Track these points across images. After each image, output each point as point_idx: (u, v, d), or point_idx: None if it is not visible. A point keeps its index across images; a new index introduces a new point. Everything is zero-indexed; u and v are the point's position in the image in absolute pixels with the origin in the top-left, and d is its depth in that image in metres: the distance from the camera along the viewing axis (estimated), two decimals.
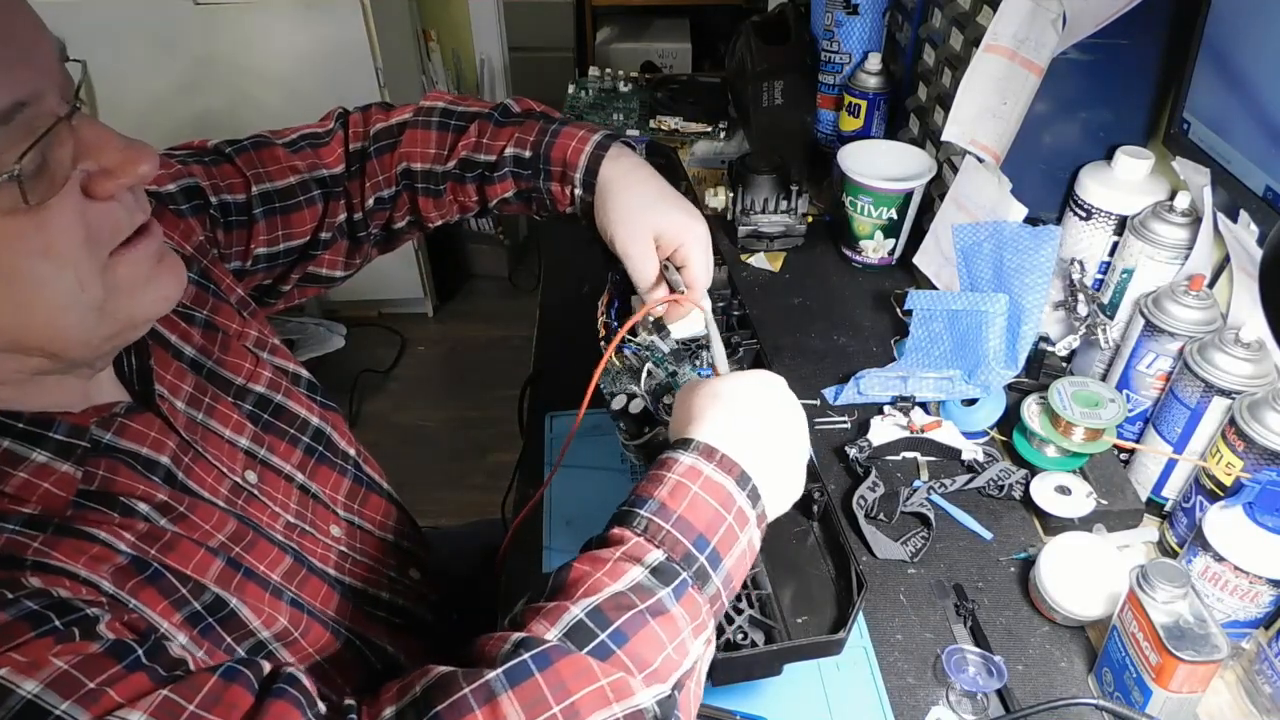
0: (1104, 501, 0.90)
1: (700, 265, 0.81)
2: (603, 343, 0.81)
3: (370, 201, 0.90)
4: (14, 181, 0.47)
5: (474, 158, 0.88)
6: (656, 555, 0.53)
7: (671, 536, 0.54)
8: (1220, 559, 0.76)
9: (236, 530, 0.66)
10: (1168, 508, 0.92)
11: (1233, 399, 0.81)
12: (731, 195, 1.33)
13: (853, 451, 0.97)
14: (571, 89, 1.80)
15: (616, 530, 0.55)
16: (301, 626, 0.67)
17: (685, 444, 0.58)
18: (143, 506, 0.60)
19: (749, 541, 0.57)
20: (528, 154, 0.86)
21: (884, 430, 0.99)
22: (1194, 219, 0.91)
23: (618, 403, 0.76)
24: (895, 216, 1.24)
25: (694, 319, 0.84)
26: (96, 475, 0.59)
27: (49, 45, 0.52)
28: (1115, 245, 0.99)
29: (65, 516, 0.55)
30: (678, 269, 0.82)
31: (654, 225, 0.81)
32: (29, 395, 0.57)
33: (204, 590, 0.60)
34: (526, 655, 0.48)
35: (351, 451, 0.85)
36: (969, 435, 0.99)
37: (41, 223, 0.50)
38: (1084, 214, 1.00)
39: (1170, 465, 0.90)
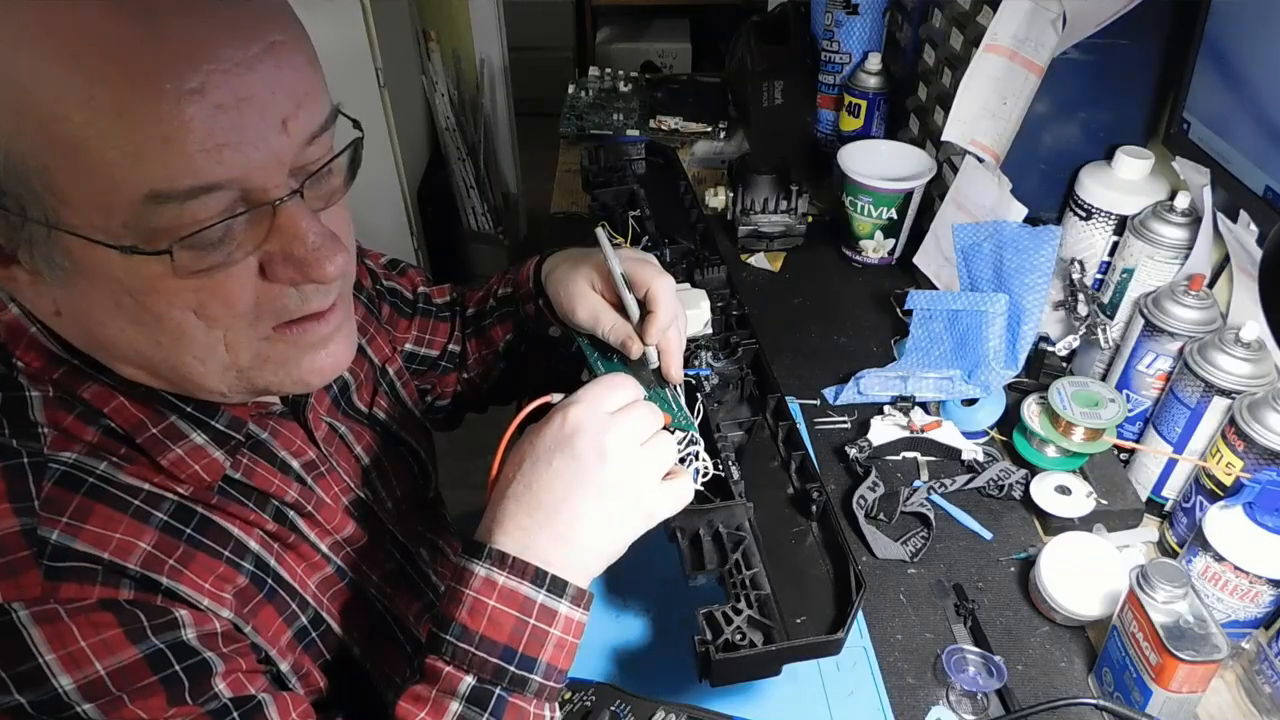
0: (1104, 501, 0.90)
1: (665, 304, 0.72)
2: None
3: None
4: (166, 254, 0.47)
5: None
6: (468, 683, 0.56)
7: (478, 658, 0.56)
8: (1220, 559, 0.76)
9: (353, 532, 0.70)
10: (1168, 508, 0.91)
11: (1233, 399, 0.81)
12: (731, 195, 1.33)
13: (853, 451, 0.97)
14: (571, 89, 1.80)
15: (429, 660, 0.57)
16: (375, 633, 0.71)
17: (480, 550, 0.58)
18: (274, 502, 0.63)
19: (564, 628, 0.58)
20: (508, 290, 0.90)
21: (884, 430, 0.99)
22: (1194, 219, 0.91)
23: None
24: (895, 216, 1.24)
25: (692, 319, 0.84)
26: (241, 464, 0.62)
27: (307, 116, 0.51)
28: (1115, 245, 0.99)
29: (210, 504, 0.58)
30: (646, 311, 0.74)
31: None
32: (196, 390, 0.58)
33: (307, 605, 0.64)
34: None
35: (433, 485, 0.89)
36: (969, 435, 0.99)
37: (203, 287, 0.49)
38: (1084, 214, 1.00)
39: (1170, 465, 0.89)
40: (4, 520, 0.49)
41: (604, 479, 0.59)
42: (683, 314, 0.75)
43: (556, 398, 0.65)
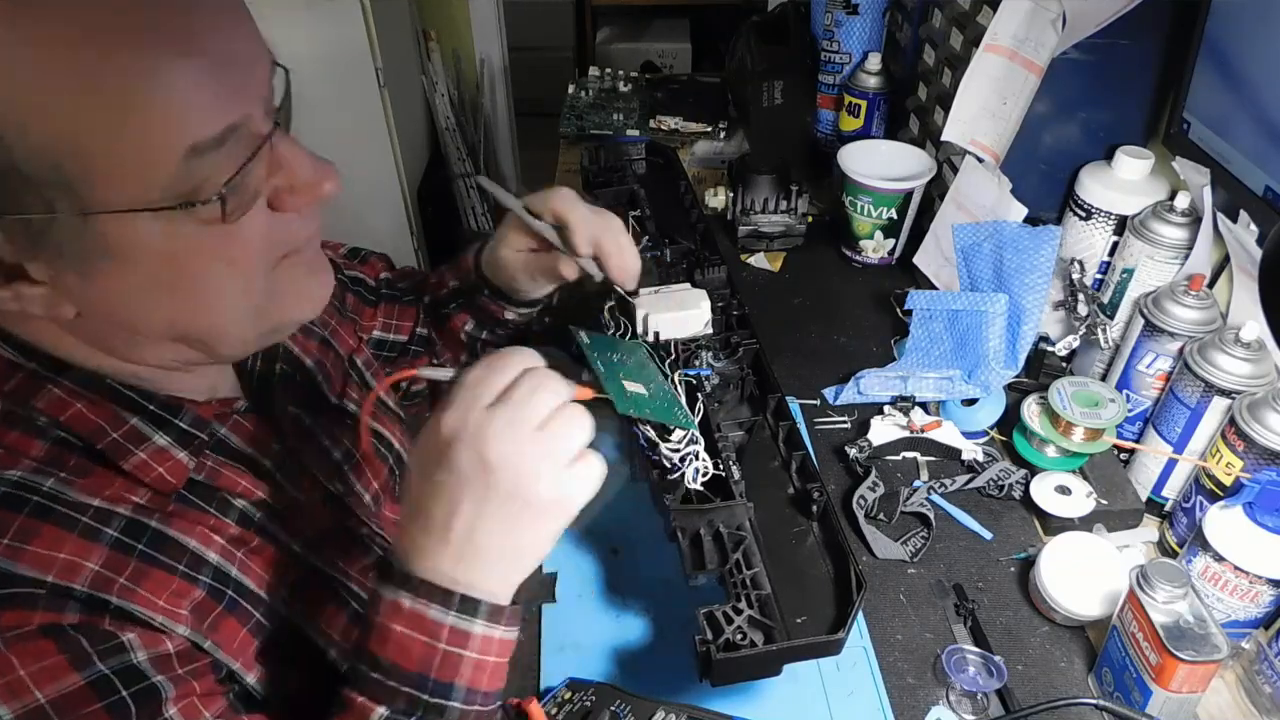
0: (1104, 501, 0.90)
1: (576, 214, 0.74)
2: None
3: None
4: (219, 201, 0.49)
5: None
6: (380, 714, 0.53)
7: (388, 689, 0.53)
8: (1220, 559, 0.76)
9: (327, 529, 0.69)
10: (1168, 508, 0.91)
11: (1233, 399, 0.81)
12: (731, 195, 1.33)
13: (853, 451, 0.97)
14: (571, 89, 1.80)
15: (345, 693, 0.55)
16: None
17: (387, 573, 0.55)
18: (240, 502, 0.62)
19: (482, 649, 0.55)
20: (457, 283, 0.91)
21: (884, 430, 0.99)
22: (1194, 219, 0.91)
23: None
24: (895, 216, 1.24)
25: (692, 319, 0.84)
26: (205, 466, 0.61)
27: (265, 61, 0.53)
28: (1115, 245, 0.99)
29: (166, 514, 0.57)
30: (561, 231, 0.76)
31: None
32: (164, 381, 0.59)
33: (275, 613, 0.62)
34: None
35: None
36: (969, 435, 0.99)
37: (231, 234, 0.51)
38: (1084, 214, 1.00)
39: (1170, 465, 0.89)
40: None
41: (492, 486, 0.53)
42: (611, 220, 0.75)
43: (425, 371, 0.62)
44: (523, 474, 0.54)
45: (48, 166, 0.45)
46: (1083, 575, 0.82)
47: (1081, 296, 0.99)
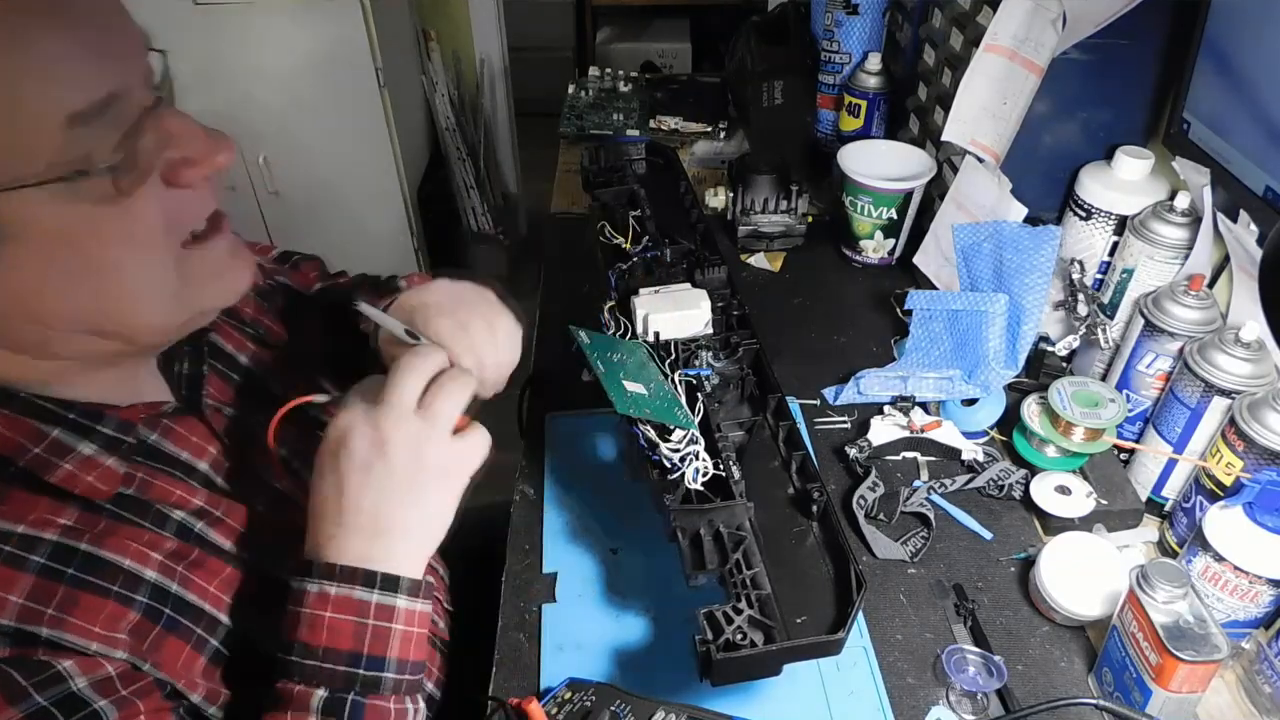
0: (1104, 501, 0.90)
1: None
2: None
3: None
4: (109, 173, 0.49)
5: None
6: (320, 696, 0.56)
7: (325, 671, 0.56)
8: (1220, 559, 0.76)
9: (274, 535, 0.67)
10: (1168, 508, 0.91)
11: (1233, 399, 0.81)
12: (731, 195, 1.33)
13: (853, 451, 0.97)
14: (571, 89, 1.80)
15: (280, 684, 0.57)
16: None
17: (307, 569, 0.59)
18: (178, 514, 0.61)
19: (406, 620, 0.59)
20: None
21: (884, 430, 0.99)
22: (1194, 219, 0.91)
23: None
24: (895, 216, 1.24)
25: (692, 319, 0.84)
26: (135, 478, 0.60)
27: (137, 36, 0.54)
28: (1115, 245, 0.99)
29: (97, 533, 0.56)
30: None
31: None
32: (83, 385, 0.59)
33: (218, 625, 0.61)
34: None
35: None
36: (969, 435, 0.99)
37: (126, 211, 0.51)
38: (1084, 214, 1.00)
39: (1170, 465, 0.89)
40: None
41: (389, 463, 0.59)
42: (487, 344, 0.72)
43: (320, 398, 0.66)
44: (414, 446, 0.59)
45: None
46: (1083, 575, 0.82)
47: (1081, 296, 0.99)
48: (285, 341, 0.81)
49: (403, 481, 0.59)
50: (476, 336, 0.72)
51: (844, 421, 1.04)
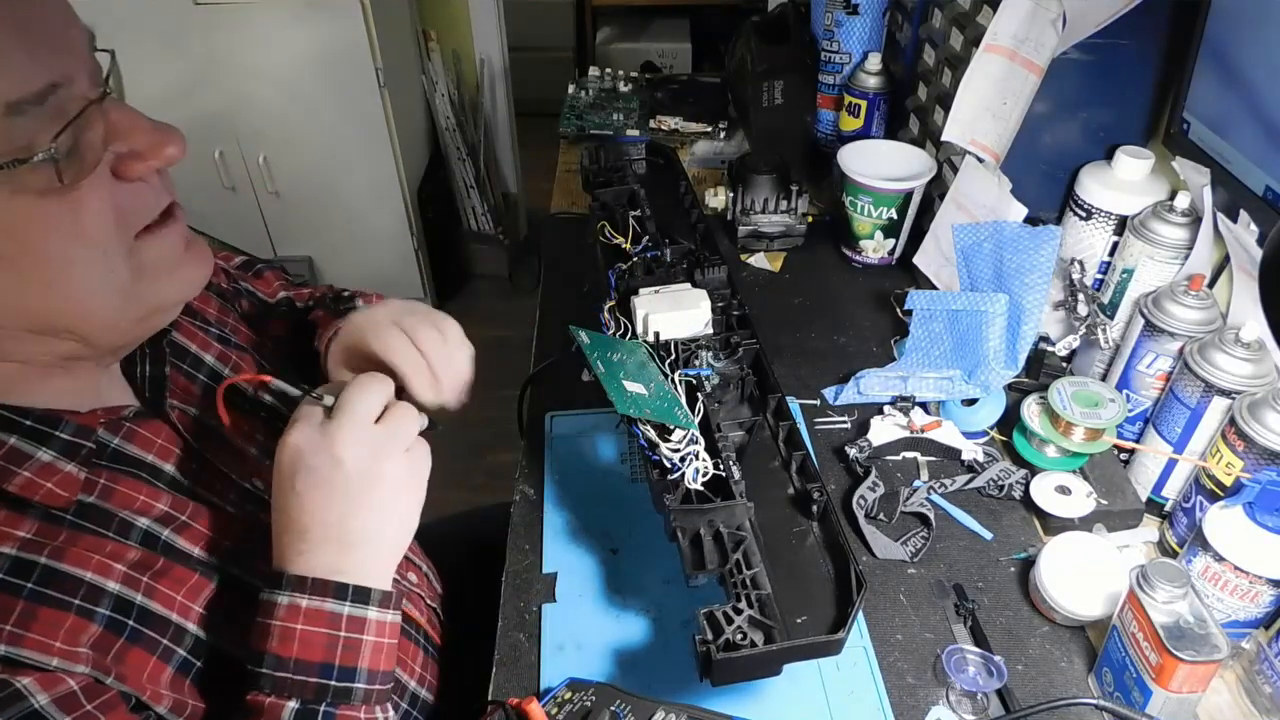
0: (1104, 501, 0.90)
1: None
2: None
3: None
4: (50, 162, 0.49)
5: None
6: (291, 708, 0.56)
7: (297, 683, 0.57)
8: (1220, 559, 0.76)
9: (246, 534, 0.66)
10: (1168, 508, 0.91)
11: (1233, 399, 0.81)
12: (731, 195, 1.33)
13: (853, 451, 0.97)
14: (571, 89, 1.80)
15: (251, 696, 0.57)
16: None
17: (278, 581, 0.59)
18: (142, 520, 0.60)
19: (377, 632, 0.59)
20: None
21: (884, 430, 0.99)
22: (1194, 219, 0.91)
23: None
24: (895, 216, 1.24)
25: (692, 319, 0.84)
26: (97, 484, 0.59)
27: (80, 32, 0.53)
28: (1115, 245, 0.99)
29: (57, 545, 0.55)
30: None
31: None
32: (39, 392, 0.58)
33: (185, 634, 0.60)
34: None
35: None
36: (969, 435, 0.99)
37: (73, 204, 0.51)
38: (1084, 214, 1.00)
39: (1170, 465, 0.89)
40: None
41: (348, 477, 0.59)
42: (433, 340, 0.77)
43: (276, 383, 0.66)
44: (370, 460, 0.60)
45: None
46: (1083, 575, 0.82)
47: (1081, 296, 0.99)
48: (251, 342, 0.81)
49: (365, 493, 0.60)
50: (427, 342, 0.76)
51: (844, 421, 1.04)
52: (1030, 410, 0.95)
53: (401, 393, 0.73)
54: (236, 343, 0.79)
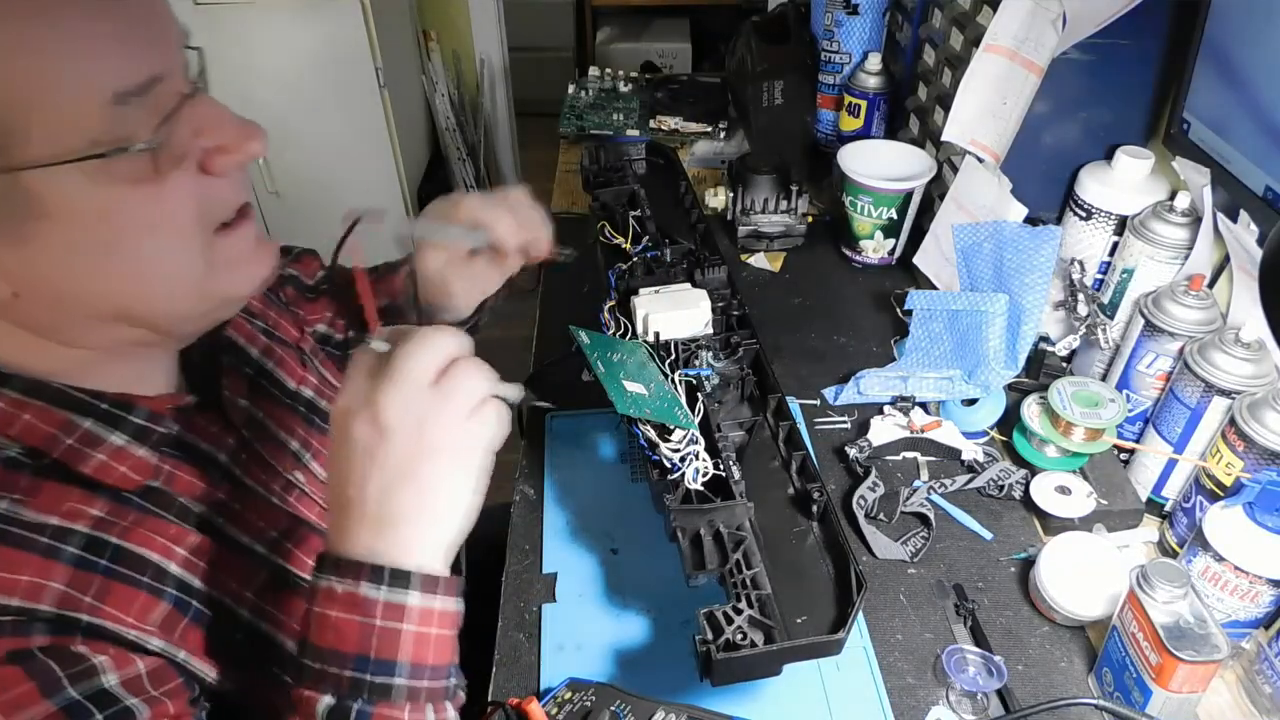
0: (1104, 501, 0.90)
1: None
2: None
3: None
4: (148, 152, 0.50)
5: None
6: (326, 703, 0.52)
7: (331, 675, 0.53)
8: (1220, 559, 0.76)
9: (289, 525, 0.68)
10: (1168, 508, 0.91)
11: (1233, 399, 0.81)
12: (731, 195, 1.33)
13: (853, 451, 0.97)
14: (571, 89, 1.80)
15: (294, 691, 0.54)
16: None
17: (320, 564, 0.55)
18: (199, 507, 0.62)
19: (421, 620, 0.54)
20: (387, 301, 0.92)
21: (884, 430, 0.99)
22: (1194, 219, 0.91)
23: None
24: (895, 216, 1.24)
25: (692, 319, 0.84)
26: (162, 470, 0.60)
27: (176, 28, 0.55)
28: (1115, 245, 0.99)
29: (126, 526, 0.56)
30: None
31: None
32: (107, 377, 0.59)
33: (239, 620, 0.62)
34: None
35: None
36: (969, 435, 0.99)
37: (161, 196, 0.52)
38: (1084, 214, 1.00)
39: (1170, 465, 0.89)
40: None
41: (390, 447, 0.54)
42: (515, 201, 0.80)
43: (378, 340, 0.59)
44: (416, 429, 0.54)
45: None
46: (1083, 575, 0.82)
47: (1081, 296, 0.99)
48: (293, 338, 0.82)
49: (410, 464, 0.54)
50: (504, 203, 0.78)
51: (844, 421, 1.04)
52: (1030, 410, 0.95)
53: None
54: (280, 337, 0.80)
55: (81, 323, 0.55)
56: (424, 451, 0.54)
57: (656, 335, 0.83)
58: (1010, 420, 0.99)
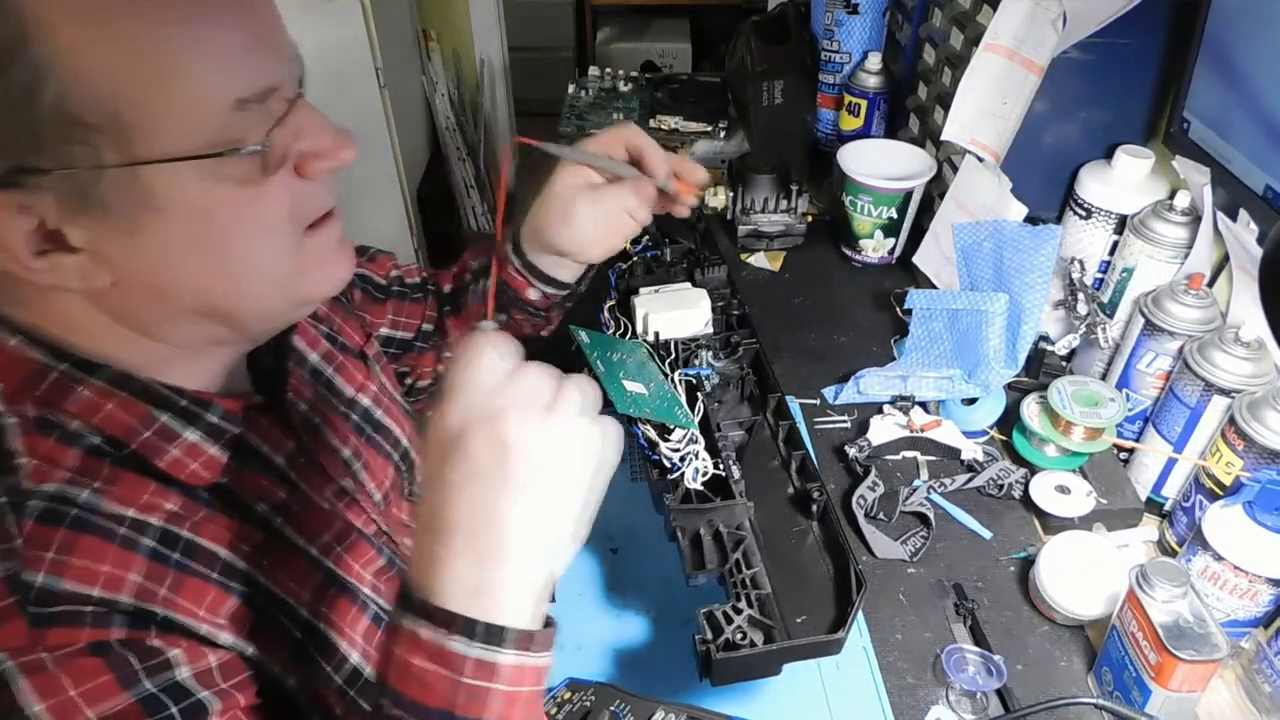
0: (1104, 501, 0.90)
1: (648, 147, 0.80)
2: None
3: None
4: (257, 155, 0.52)
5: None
6: None
7: None
8: (1220, 558, 0.76)
9: (341, 530, 0.69)
10: (1167, 507, 0.91)
11: (1232, 398, 0.81)
12: (731, 195, 1.33)
13: (852, 451, 0.97)
14: (571, 89, 1.81)
15: None
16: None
17: (405, 600, 0.50)
18: (262, 507, 0.63)
19: (511, 679, 0.49)
20: (484, 260, 0.91)
21: (884, 430, 0.99)
22: (1194, 218, 0.91)
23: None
24: (895, 216, 1.24)
25: (692, 319, 0.84)
26: (230, 468, 0.61)
27: (288, 39, 0.57)
28: (1115, 244, 0.99)
29: (197, 521, 0.57)
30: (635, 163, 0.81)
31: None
32: (183, 372, 0.60)
33: (299, 619, 0.63)
34: None
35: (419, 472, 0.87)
36: (969, 434, 0.99)
37: (260, 196, 0.54)
38: (1084, 213, 1.00)
39: (1170, 464, 0.89)
40: None
41: (511, 471, 0.49)
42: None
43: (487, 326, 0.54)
44: (544, 453, 0.49)
45: (106, 114, 0.47)
46: (1082, 575, 0.82)
47: (1081, 296, 0.99)
48: (357, 345, 0.83)
49: (527, 493, 0.49)
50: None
51: (844, 421, 1.04)
52: (1030, 409, 0.95)
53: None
54: (342, 343, 0.80)
55: (172, 317, 0.56)
56: (543, 477, 0.50)
57: (656, 335, 0.84)
58: (1010, 419, 0.99)
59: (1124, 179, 0.98)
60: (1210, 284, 0.92)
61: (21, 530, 0.49)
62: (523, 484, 0.49)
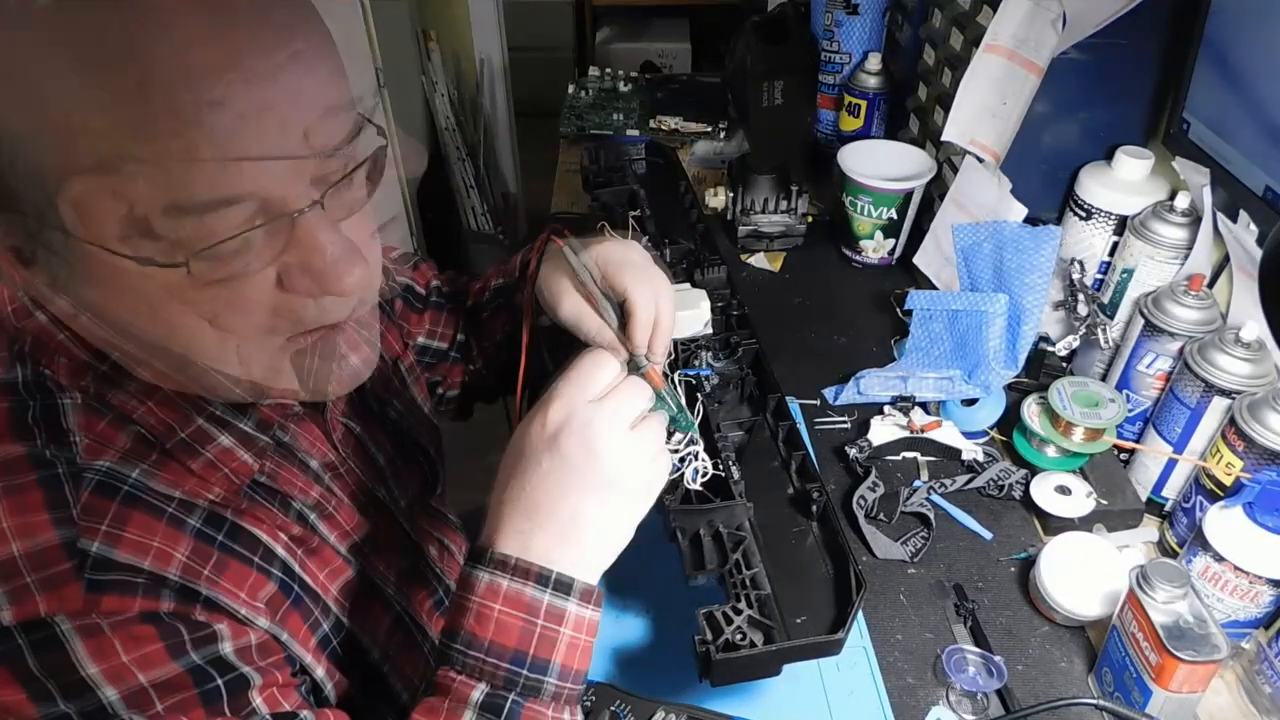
0: (1104, 501, 0.90)
1: (641, 307, 0.68)
2: None
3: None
4: (183, 266, 0.46)
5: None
6: (480, 691, 0.55)
7: (489, 666, 0.55)
8: (1220, 559, 0.76)
9: (371, 532, 0.70)
10: (1168, 508, 0.91)
11: (1233, 399, 0.81)
12: (731, 195, 1.33)
13: (853, 451, 0.97)
14: (571, 89, 1.80)
15: (441, 672, 0.56)
16: (396, 637, 0.71)
17: (482, 556, 0.57)
18: (297, 504, 0.63)
19: (575, 626, 0.57)
20: (502, 281, 0.90)
21: (884, 430, 0.99)
22: (1194, 219, 0.91)
23: None
24: (895, 216, 1.24)
25: (692, 319, 0.84)
26: (266, 467, 0.62)
27: (336, 114, 0.50)
28: (1115, 245, 0.99)
29: (238, 509, 0.58)
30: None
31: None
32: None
33: (329, 611, 0.64)
34: None
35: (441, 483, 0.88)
36: (969, 435, 0.99)
37: (218, 294, 0.48)
38: (1084, 214, 1.00)
39: (1170, 465, 0.89)
40: (43, 533, 0.48)
41: (596, 475, 0.58)
42: (670, 313, 0.70)
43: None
44: (621, 464, 0.58)
45: (38, 184, 0.44)
46: (1083, 575, 0.82)
47: (1081, 296, 0.99)
48: (394, 353, 0.83)
49: (607, 496, 0.58)
50: (665, 305, 0.69)
51: (844, 421, 1.04)
52: (1030, 410, 0.95)
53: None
54: (381, 353, 0.79)
55: (134, 366, 0.55)
56: (619, 484, 0.59)
57: None
58: (1010, 420, 0.99)
59: (1124, 180, 0.98)
60: (1210, 285, 0.92)
61: (78, 500, 0.50)
62: (602, 483, 0.58)
